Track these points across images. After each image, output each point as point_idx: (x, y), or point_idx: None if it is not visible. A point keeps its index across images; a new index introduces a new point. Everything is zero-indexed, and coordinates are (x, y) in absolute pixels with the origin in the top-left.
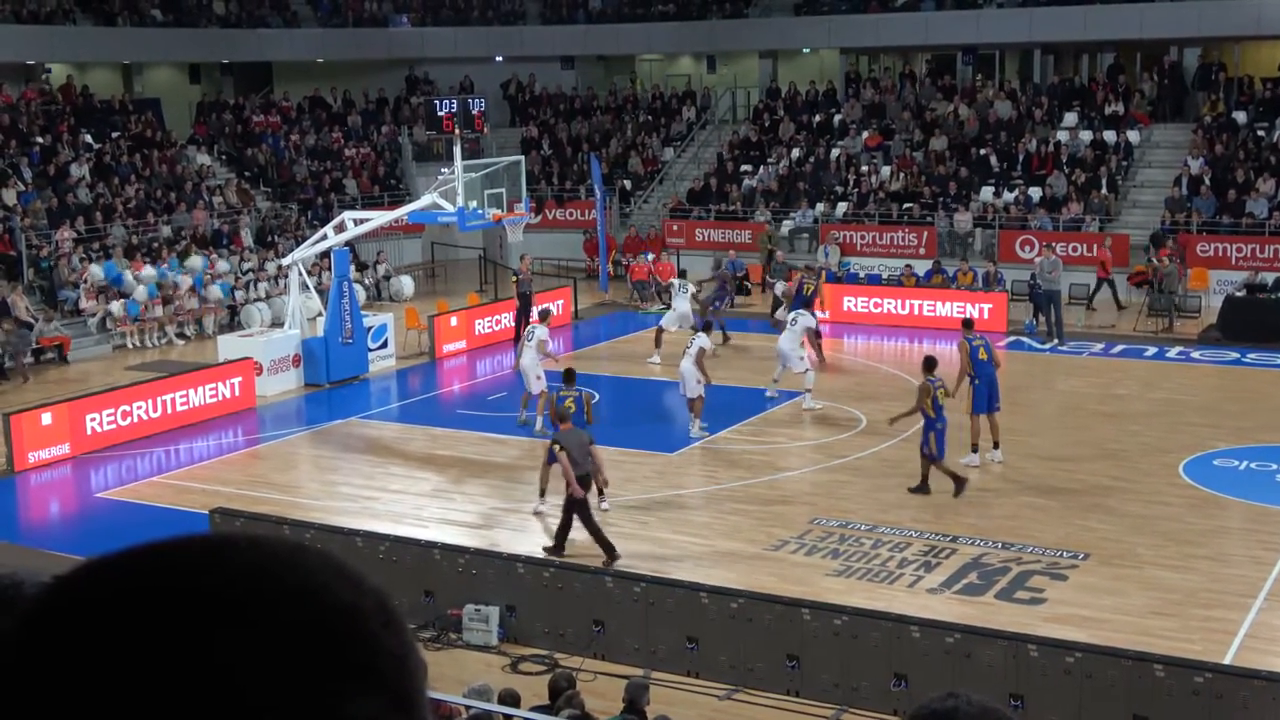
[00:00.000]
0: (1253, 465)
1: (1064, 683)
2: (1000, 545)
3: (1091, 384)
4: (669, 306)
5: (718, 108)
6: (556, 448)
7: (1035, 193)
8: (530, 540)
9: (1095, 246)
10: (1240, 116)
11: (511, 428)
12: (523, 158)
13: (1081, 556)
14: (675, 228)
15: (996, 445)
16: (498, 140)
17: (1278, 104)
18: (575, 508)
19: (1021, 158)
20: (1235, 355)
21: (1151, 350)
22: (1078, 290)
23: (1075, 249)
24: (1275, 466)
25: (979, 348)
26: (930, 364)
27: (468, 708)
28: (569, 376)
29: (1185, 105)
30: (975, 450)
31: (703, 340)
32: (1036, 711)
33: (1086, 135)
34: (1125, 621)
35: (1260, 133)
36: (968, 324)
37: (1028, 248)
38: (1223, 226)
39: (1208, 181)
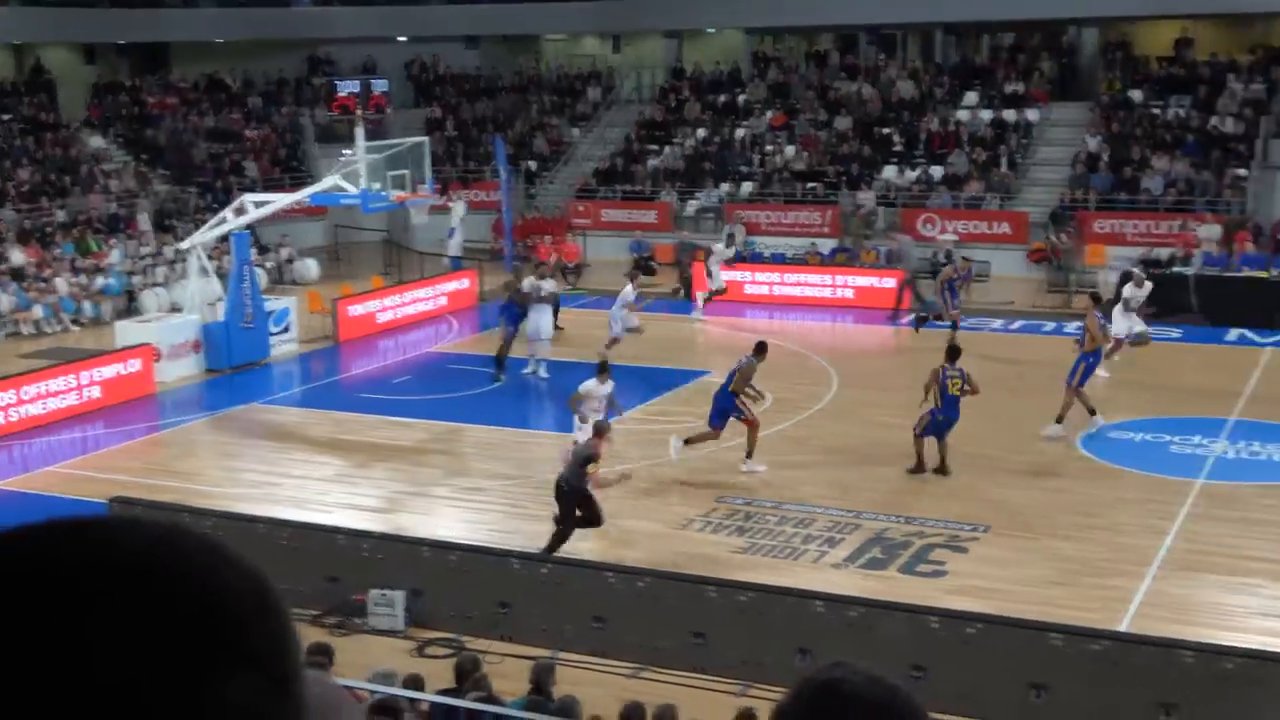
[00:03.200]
0: (1148, 437)
1: (964, 653)
2: (903, 520)
3: (991, 359)
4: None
5: (623, 88)
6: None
7: (937, 171)
8: (436, 523)
9: (995, 224)
10: (1136, 95)
11: (418, 410)
12: (426, 139)
13: (982, 529)
14: (581, 208)
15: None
16: (401, 121)
17: (1173, 83)
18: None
19: (924, 137)
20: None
21: (1050, 325)
22: (979, 268)
23: (976, 226)
24: (1169, 438)
25: (951, 379)
26: (953, 353)
27: (372, 692)
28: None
29: (1083, 84)
30: (918, 469)
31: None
32: (937, 682)
33: (987, 114)
34: (1024, 592)
35: (1155, 111)
36: (952, 352)
37: (929, 225)
38: (1119, 203)
39: (1105, 159)
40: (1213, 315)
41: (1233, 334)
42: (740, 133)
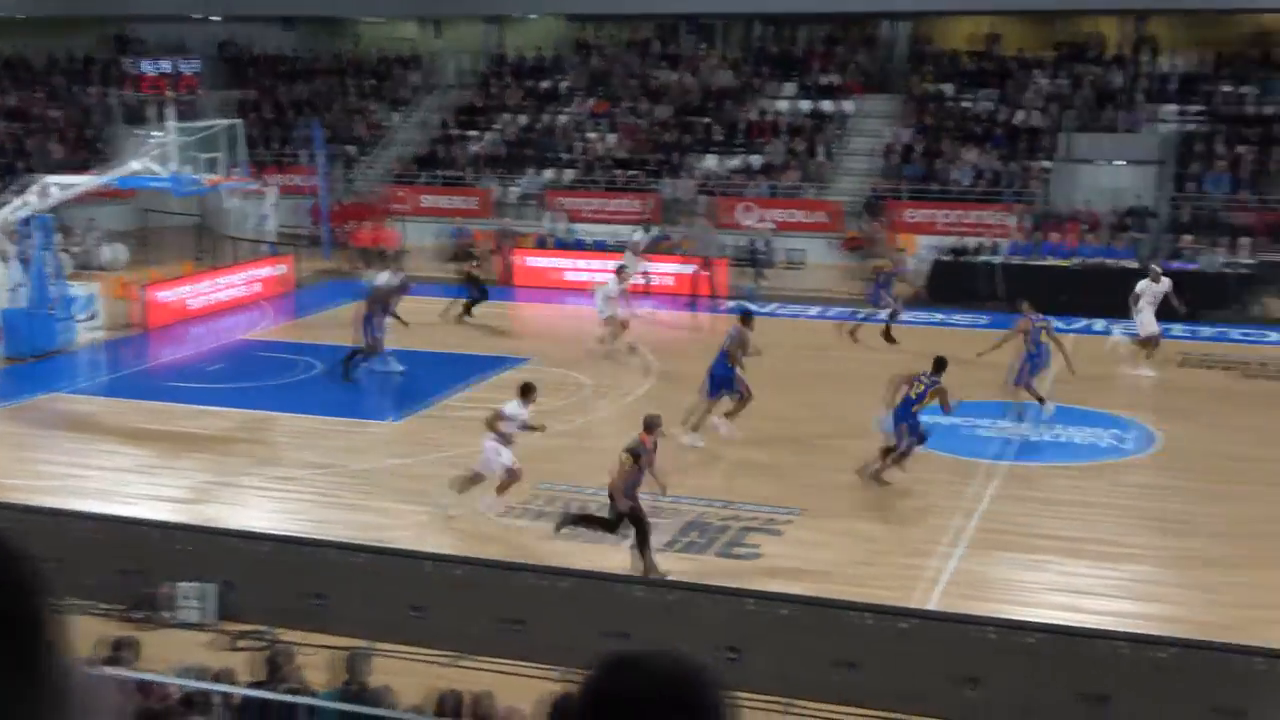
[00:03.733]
0: (956, 420)
1: (778, 633)
2: (721, 504)
3: (805, 345)
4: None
5: (443, 73)
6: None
7: (756, 160)
8: (247, 514)
9: (811, 212)
10: (947, 88)
11: (228, 399)
12: (240, 122)
13: (797, 511)
14: (400, 194)
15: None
16: (215, 103)
17: (981, 76)
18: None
19: (742, 126)
20: (941, 316)
21: (863, 312)
22: (794, 255)
23: (793, 215)
24: (976, 422)
25: (914, 386)
26: (939, 365)
27: (181, 687)
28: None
29: (895, 78)
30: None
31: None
32: (751, 661)
33: (804, 105)
34: (837, 572)
35: (965, 104)
36: (938, 364)
37: (748, 213)
38: (930, 193)
39: (917, 150)
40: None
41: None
42: (562, 119)
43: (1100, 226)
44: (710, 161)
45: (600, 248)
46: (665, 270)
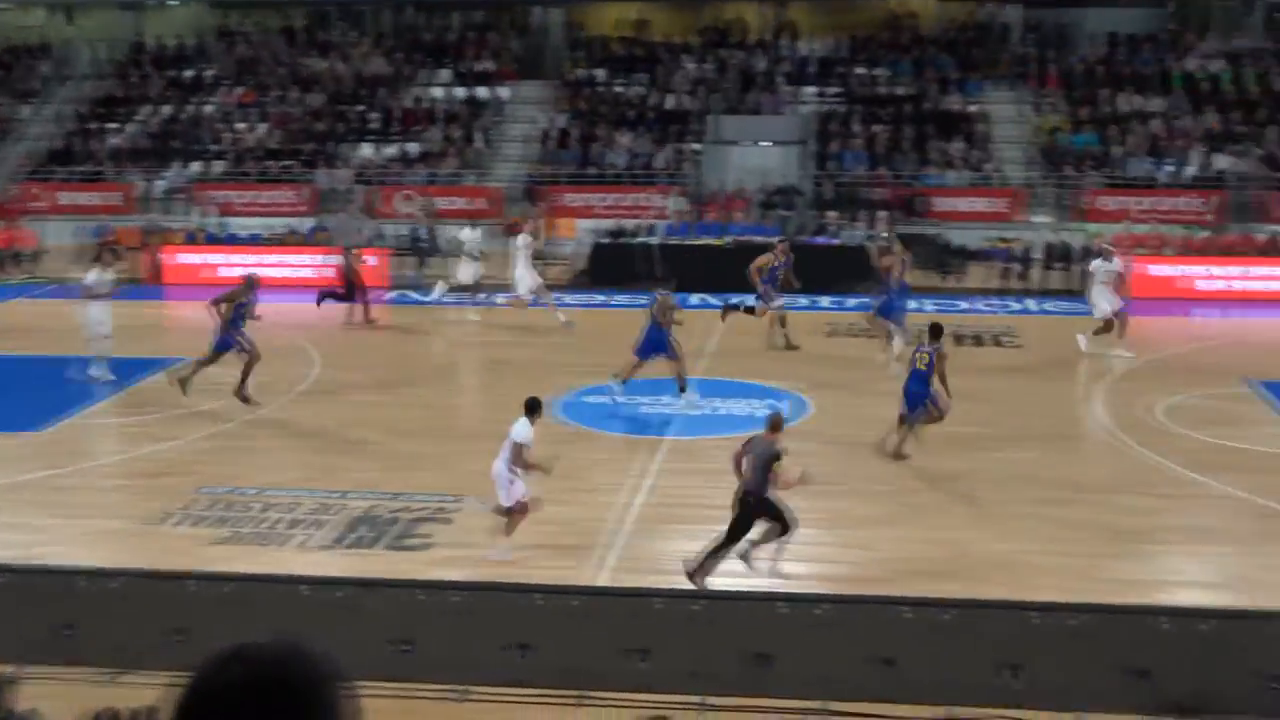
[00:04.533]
0: (621, 400)
1: (451, 622)
2: (390, 496)
3: (472, 333)
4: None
5: (76, 62)
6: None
7: (413, 148)
8: None
9: (471, 199)
10: (599, 74)
11: None
12: None
13: (468, 500)
14: (34, 191)
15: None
16: None
17: (631, 62)
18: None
19: (398, 114)
20: (602, 298)
21: (529, 298)
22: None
23: (453, 202)
24: (641, 399)
25: (920, 356)
26: (935, 331)
27: None
28: None
29: (548, 64)
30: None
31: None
32: (424, 651)
33: (459, 91)
34: (515, 555)
35: (618, 89)
36: (934, 330)
37: (407, 201)
38: (587, 178)
39: (573, 136)
40: (677, 282)
41: (694, 298)
42: (208, 110)
43: (749, 205)
44: (366, 150)
45: (256, 242)
46: (322, 262)
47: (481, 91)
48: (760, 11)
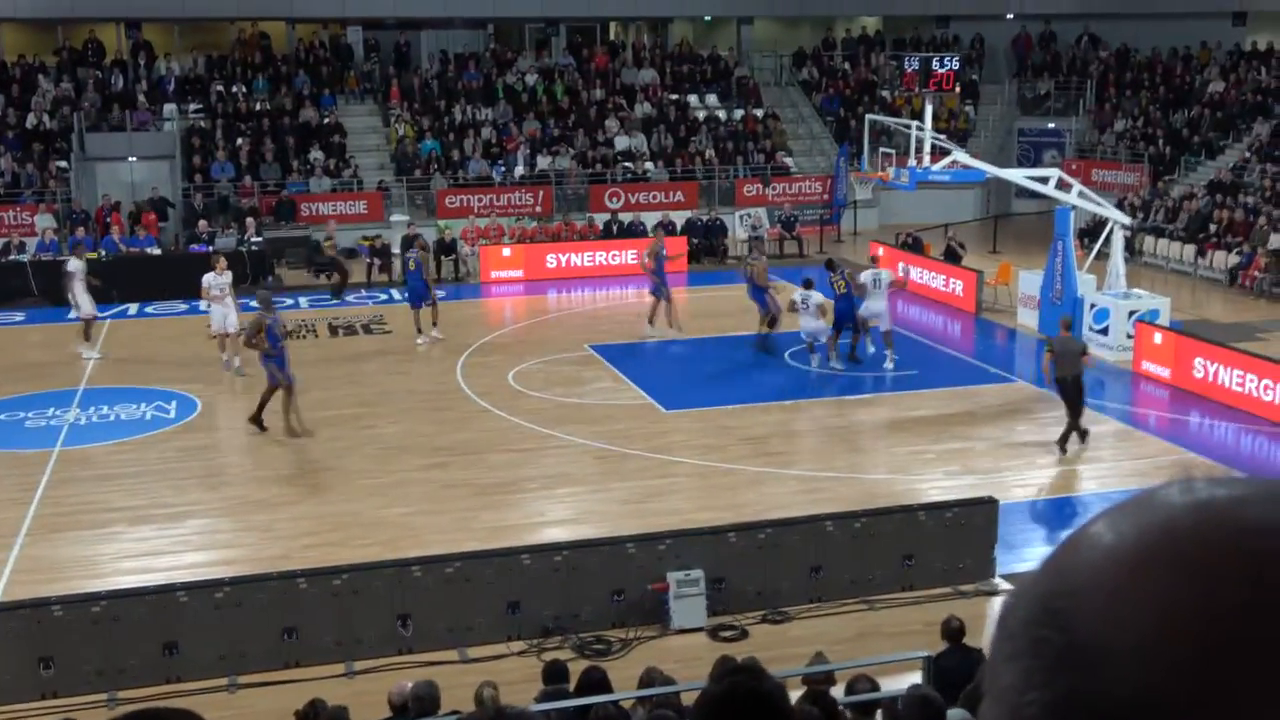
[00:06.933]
0: (2, 416)
1: None
2: None
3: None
4: None
5: None
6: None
7: None
8: None
9: None
10: None
11: None
12: None
13: None
14: None
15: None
16: None
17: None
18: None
19: None
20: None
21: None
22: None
23: None
24: (24, 414)
25: (836, 282)
26: (830, 265)
27: None
28: None
29: None
30: None
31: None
32: None
33: None
34: None
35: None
36: (830, 264)
37: None
38: None
39: None
40: (53, 297)
41: (72, 313)
42: None
43: (123, 219)
44: None
45: None
46: None
47: None
48: (117, 32)
